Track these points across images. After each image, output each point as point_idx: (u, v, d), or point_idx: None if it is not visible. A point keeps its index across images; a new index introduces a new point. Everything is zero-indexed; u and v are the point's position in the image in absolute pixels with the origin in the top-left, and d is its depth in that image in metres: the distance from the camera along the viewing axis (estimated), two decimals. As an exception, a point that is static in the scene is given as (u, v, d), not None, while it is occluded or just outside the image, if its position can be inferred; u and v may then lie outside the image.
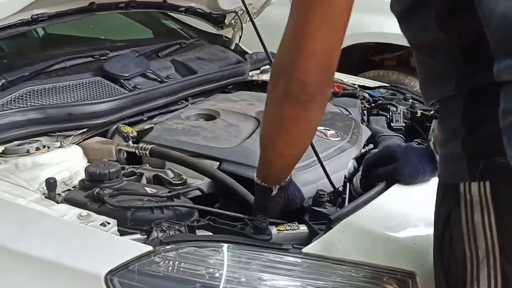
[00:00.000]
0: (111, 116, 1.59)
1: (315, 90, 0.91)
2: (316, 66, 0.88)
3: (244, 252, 1.01)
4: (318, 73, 0.89)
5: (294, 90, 0.91)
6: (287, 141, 1.02)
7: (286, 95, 0.93)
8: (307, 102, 0.92)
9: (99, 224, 1.06)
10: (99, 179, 1.22)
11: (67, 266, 0.97)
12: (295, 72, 0.89)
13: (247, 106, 1.76)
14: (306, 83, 0.89)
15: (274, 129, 1.01)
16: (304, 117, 0.96)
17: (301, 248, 1.02)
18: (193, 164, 1.32)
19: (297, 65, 0.88)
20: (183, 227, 1.09)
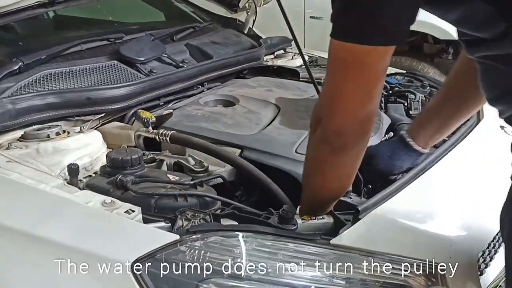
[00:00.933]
0: (129, 101, 1.58)
1: (348, 139, 0.95)
2: (349, 120, 0.93)
3: (271, 243, 0.99)
4: (351, 126, 0.93)
5: (329, 137, 0.96)
6: (321, 184, 1.06)
7: (322, 141, 0.98)
8: (340, 148, 0.96)
9: (123, 212, 1.05)
10: (121, 165, 1.20)
11: (93, 254, 0.95)
12: (330, 124, 0.94)
13: (265, 92, 1.74)
14: (340, 133, 0.94)
15: (312, 170, 1.06)
16: (337, 163, 1.00)
17: (329, 239, 1.00)
18: (215, 151, 1.30)
19: (332, 119, 0.94)
20: (207, 215, 1.07)
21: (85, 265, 0.94)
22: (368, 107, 0.92)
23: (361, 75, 0.89)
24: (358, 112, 0.92)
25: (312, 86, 1.86)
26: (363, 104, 0.92)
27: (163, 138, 1.38)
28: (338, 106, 0.92)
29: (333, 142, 0.95)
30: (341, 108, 0.92)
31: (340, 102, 0.92)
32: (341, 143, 0.95)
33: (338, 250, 1.00)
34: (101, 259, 0.94)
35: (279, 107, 1.59)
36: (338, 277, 0.98)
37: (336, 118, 0.93)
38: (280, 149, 1.34)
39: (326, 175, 1.03)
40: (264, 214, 1.09)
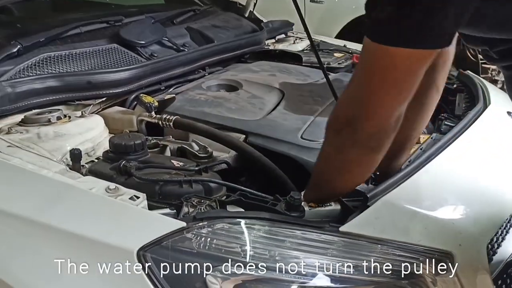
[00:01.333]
0: (130, 85, 1.55)
1: (384, 139, 0.94)
2: (387, 121, 0.91)
3: (278, 230, 0.97)
4: (388, 126, 0.91)
5: (364, 140, 0.93)
6: (345, 181, 1.04)
7: (354, 143, 0.94)
8: (375, 149, 0.95)
9: (128, 198, 1.02)
10: (125, 150, 1.18)
11: (97, 241, 0.93)
12: (367, 127, 0.91)
13: (269, 77, 1.71)
14: (378, 135, 0.92)
15: (335, 169, 1.02)
16: (368, 162, 0.99)
17: (338, 226, 0.99)
18: (220, 136, 1.27)
19: (369, 122, 0.91)
20: (213, 202, 1.06)
21: (89, 253, 0.92)
22: (404, 106, 0.91)
23: (406, 79, 0.86)
24: (395, 112, 0.90)
25: (316, 71, 1.85)
26: (400, 104, 0.90)
27: (166, 124, 1.35)
28: (376, 109, 0.89)
29: (369, 144, 0.93)
30: (380, 111, 0.89)
31: (379, 105, 0.89)
32: (377, 144, 0.94)
33: (347, 237, 0.98)
34: (106, 247, 0.92)
35: (283, 92, 1.57)
36: (347, 265, 0.96)
37: (374, 121, 0.90)
38: (285, 135, 1.32)
39: (354, 173, 1.01)
40: (271, 200, 1.07)
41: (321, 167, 1.08)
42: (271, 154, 1.28)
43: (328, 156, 1.03)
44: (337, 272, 0.95)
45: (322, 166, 1.07)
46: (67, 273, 0.93)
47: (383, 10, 0.82)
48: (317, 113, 1.44)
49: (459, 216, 1.04)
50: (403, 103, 0.90)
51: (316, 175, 1.09)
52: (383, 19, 0.83)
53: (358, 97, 0.91)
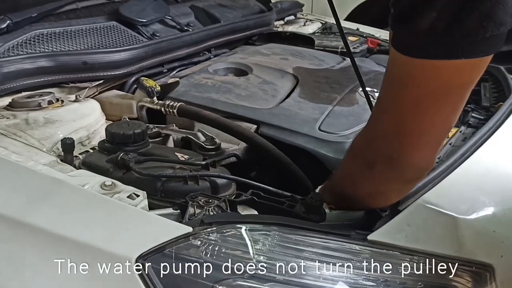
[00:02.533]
0: (130, 67, 1.43)
1: (430, 168, 0.82)
2: (436, 150, 0.80)
3: (297, 238, 0.85)
4: (436, 154, 0.81)
5: (408, 174, 0.82)
6: (378, 204, 0.92)
7: (393, 180, 0.84)
8: (418, 178, 0.86)
9: (126, 196, 0.91)
10: (123, 141, 1.05)
11: (89, 246, 0.81)
12: (411, 161, 0.79)
13: (281, 61, 1.58)
14: (424, 167, 0.81)
15: (368, 194, 0.91)
16: (409, 189, 0.89)
17: (366, 234, 0.86)
18: (228, 126, 1.15)
19: (415, 155, 0.78)
20: (223, 202, 0.93)
21: (81, 261, 0.80)
22: (448, 129, 0.79)
23: (463, 94, 0.73)
24: (444, 137, 0.80)
25: (330, 56, 1.73)
26: (452, 125, 0.78)
27: (170, 111, 1.23)
28: (427, 139, 0.77)
29: (413, 176, 0.82)
30: (431, 140, 0.77)
31: (428, 133, 0.76)
32: (422, 174, 0.83)
33: (376, 247, 0.86)
34: (100, 254, 0.81)
35: (297, 77, 1.44)
36: (374, 279, 0.84)
37: (423, 153, 0.78)
38: (301, 126, 1.20)
39: (387, 199, 0.90)
40: (288, 201, 0.95)
41: (346, 185, 0.94)
42: (285, 146, 1.17)
43: (356, 181, 0.91)
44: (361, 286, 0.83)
45: (347, 185, 0.94)
46: (54, 281, 0.81)
47: (425, 17, 0.66)
48: (336, 102, 1.31)
49: (501, 222, 0.92)
50: (454, 122, 0.77)
51: (339, 188, 0.97)
52: (428, 28, 0.66)
53: (400, 131, 0.77)
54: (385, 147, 0.79)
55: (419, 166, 0.80)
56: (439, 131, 0.77)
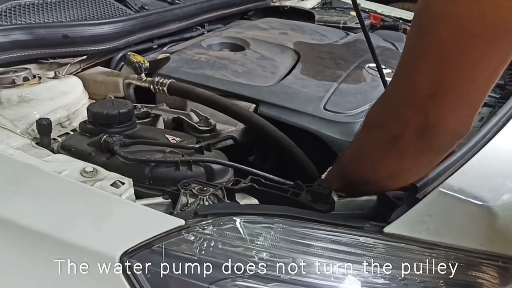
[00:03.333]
0: (116, 42, 1.32)
1: (466, 134, 0.72)
2: (472, 111, 0.69)
3: (304, 231, 0.75)
4: (473, 116, 0.70)
5: (439, 145, 0.73)
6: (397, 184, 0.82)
7: (424, 152, 0.74)
8: (449, 148, 0.75)
9: (109, 184, 0.80)
10: (106, 121, 0.95)
11: (67, 242, 0.71)
12: (448, 124, 0.69)
13: (280, 35, 1.47)
14: (459, 132, 0.71)
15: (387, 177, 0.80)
16: (435, 162, 0.78)
17: (382, 226, 0.76)
18: (225, 105, 1.04)
19: (452, 117, 0.68)
20: (219, 190, 0.83)
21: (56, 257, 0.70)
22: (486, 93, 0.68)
23: (508, 45, 0.62)
24: (485, 97, 0.68)
25: (333, 30, 1.62)
26: (493, 83, 0.67)
27: (159, 88, 1.11)
28: (466, 102, 0.67)
29: (447, 145, 0.73)
30: (470, 102, 0.67)
31: (469, 95, 0.66)
32: (456, 141, 0.73)
33: (393, 241, 0.76)
34: (78, 251, 0.70)
35: (299, 53, 1.33)
36: (391, 277, 0.75)
37: (461, 117, 0.68)
38: (304, 105, 1.10)
39: (409, 178, 0.79)
40: (292, 189, 0.85)
41: (360, 167, 0.84)
42: (287, 128, 1.07)
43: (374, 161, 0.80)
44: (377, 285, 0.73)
45: (362, 166, 0.83)
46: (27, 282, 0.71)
47: None
48: (341, 79, 1.21)
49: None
50: (497, 79, 0.66)
51: (350, 171, 0.86)
52: None
53: (437, 92, 0.66)
54: (418, 115, 0.69)
55: (457, 131, 0.70)
56: (482, 89, 0.66)
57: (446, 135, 0.70)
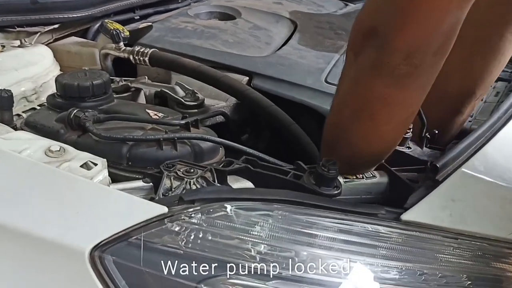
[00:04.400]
0: (92, 9, 1.21)
1: (421, 61, 0.66)
2: (429, 32, 0.64)
3: (308, 218, 0.64)
4: (430, 40, 0.64)
5: (392, 60, 0.65)
6: (368, 131, 0.74)
7: (378, 66, 0.67)
8: (406, 76, 0.66)
9: (79, 166, 0.69)
10: (78, 94, 0.83)
11: (28, 235, 0.59)
12: (398, 39, 0.64)
13: (274, 5, 1.36)
14: (411, 53, 0.64)
15: (353, 113, 0.73)
16: (397, 99, 0.70)
17: (399, 213, 0.66)
18: (215, 77, 0.94)
19: (403, 32, 0.63)
20: (208, 172, 0.71)
21: (16, 252, 0.59)
22: (463, 9, 0.63)
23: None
24: (445, 19, 0.62)
25: (331, 1, 1.50)
26: (458, 4, 0.62)
27: (140, 59, 0.99)
28: (416, 10, 0.62)
29: (398, 67, 0.65)
30: (422, 13, 0.62)
31: (421, 3, 0.61)
32: (409, 68, 0.65)
33: (411, 230, 0.66)
34: (41, 244, 0.59)
35: (295, 22, 1.22)
36: (409, 272, 0.65)
37: (410, 29, 0.62)
38: (303, 77, 1.01)
39: (377, 119, 0.71)
40: (292, 170, 0.74)
41: (332, 114, 0.78)
42: (284, 103, 0.97)
43: (343, 94, 0.75)
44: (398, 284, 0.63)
45: (334, 113, 0.78)
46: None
47: None
48: (343, 49, 1.10)
49: None
50: (462, 2, 0.62)
51: (330, 127, 0.79)
52: None
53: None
54: (375, 15, 0.66)
55: (405, 47, 0.63)
56: (437, 9, 0.61)
57: (396, 52, 0.64)
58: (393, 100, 0.69)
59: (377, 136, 0.74)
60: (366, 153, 0.76)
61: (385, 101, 0.69)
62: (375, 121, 0.71)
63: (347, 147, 0.75)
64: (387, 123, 0.72)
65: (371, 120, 0.71)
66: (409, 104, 0.72)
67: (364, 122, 0.72)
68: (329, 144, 0.78)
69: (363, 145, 0.75)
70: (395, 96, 0.69)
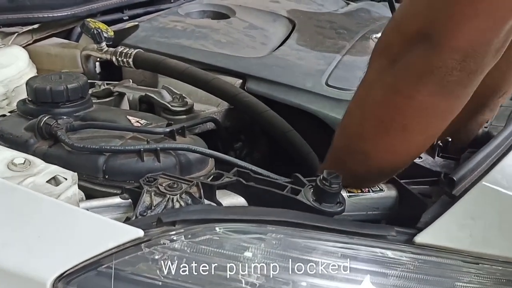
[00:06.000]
0: (76, 8, 1.14)
1: (477, 66, 0.58)
2: (492, 32, 0.56)
3: (307, 242, 0.56)
4: (490, 42, 0.56)
5: (445, 64, 0.57)
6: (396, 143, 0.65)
7: (426, 73, 0.58)
8: (457, 83, 0.58)
9: (45, 181, 0.60)
10: (51, 100, 0.75)
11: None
12: (453, 39, 0.56)
13: (271, 3, 1.29)
14: (468, 55, 0.56)
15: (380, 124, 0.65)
16: (440, 108, 0.62)
17: (411, 234, 0.57)
18: (205, 80, 0.86)
19: (460, 32, 0.55)
20: (194, 186, 0.63)
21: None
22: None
23: None
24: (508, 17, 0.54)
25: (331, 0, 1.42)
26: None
27: (124, 60, 0.92)
28: (475, 7, 0.54)
29: (450, 72, 0.57)
30: (483, 9, 0.54)
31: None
32: (462, 74, 0.57)
33: (426, 254, 0.57)
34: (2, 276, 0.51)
35: (294, 21, 1.14)
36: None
37: (473, 24, 0.54)
38: (302, 80, 0.94)
39: (411, 130, 0.63)
40: (289, 184, 0.65)
41: (352, 123, 0.69)
42: (281, 108, 0.90)
43: (371, 102, 0.65)
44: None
45: (354, 122, 0.68)
46: None
47: None
48: (345, 50, 1.04)
49: None
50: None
51: (343, 138, 0.70)
52: None
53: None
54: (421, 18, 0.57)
55: (462, 51, 0.55)
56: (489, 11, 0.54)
57: (452, 53, 0.56)
58: (435, 110, 0.62)
59: (405, 148, 0.66)
60: (387, 166, 0.68)
61: (425, 111, 0.62)
62: (407, 132, 0.64)
63: (364, 159, 0.67)
64: (420, 134, 0.65)
65: (403, 131, 0.64)
66: (450, 114, 0.64)
67: (394, 133, 0.64)
68: (339, 155, 0.70)
69: (386, 157, 0.67)
70: (438, 106, 0.62)
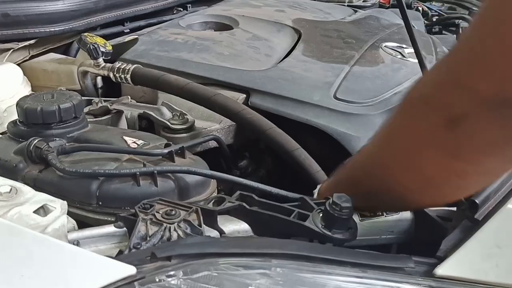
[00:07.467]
0: (74, 22, 1.10)
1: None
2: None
3: (316, 277, 0.51)
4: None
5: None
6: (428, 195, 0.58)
7: (505, 143, 0.50)
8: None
9: (32, 211, 0.56)
10: (42, 121, 0.70)
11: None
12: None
13: (276, 13, 1.25)
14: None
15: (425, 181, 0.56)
16: (497, 171, 0.55)
17: (431, 265, 0.52)
18: (206, 97, 0.81)
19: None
20: (194, 213, 0.58)
21: None
22: None
23: None
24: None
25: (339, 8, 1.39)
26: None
27: (122, 76, 0.87)
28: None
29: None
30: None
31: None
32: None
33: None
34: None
35: (299, 31, 1.10)
36: None
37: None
38: (309, 93, 0.89)
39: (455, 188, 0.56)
40: (297, 208, 0.60)
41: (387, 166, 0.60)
42: (287, 123, 0.85)
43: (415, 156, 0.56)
44: None
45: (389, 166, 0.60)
46: None
47: None
48: (354, 60, 0.98)
49: None
50: None
51: (367, 174, 0.63)
52: None
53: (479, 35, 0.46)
54: (494, 85, 0.46)
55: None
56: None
57: None
58: (489, 172, 0.55)
59: (457, 197, 0.58)
60: (429, 205, 0.62)
61: (492, 172, 0.55)
62: (464, 190, 0.57)
63: (400, 198, 0.60)
64: (477, 188, 0.58)
65: (458, 189, 0.57)
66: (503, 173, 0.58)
67: (446, 190, 0.57)
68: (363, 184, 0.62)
69: (432, 203, 0.61)
70: (497, 170, 0.55)
